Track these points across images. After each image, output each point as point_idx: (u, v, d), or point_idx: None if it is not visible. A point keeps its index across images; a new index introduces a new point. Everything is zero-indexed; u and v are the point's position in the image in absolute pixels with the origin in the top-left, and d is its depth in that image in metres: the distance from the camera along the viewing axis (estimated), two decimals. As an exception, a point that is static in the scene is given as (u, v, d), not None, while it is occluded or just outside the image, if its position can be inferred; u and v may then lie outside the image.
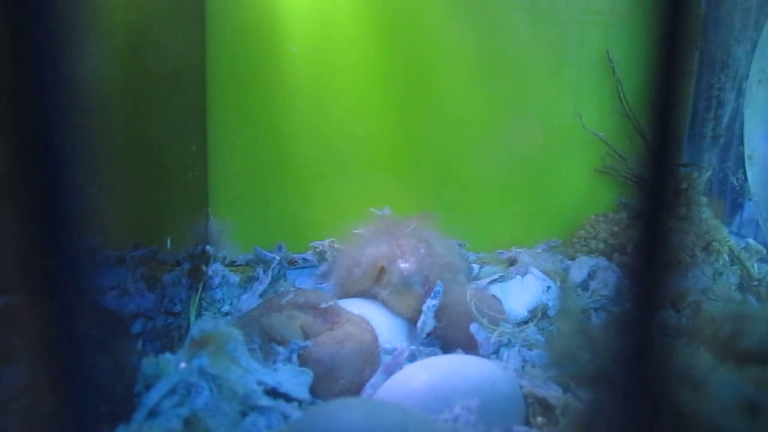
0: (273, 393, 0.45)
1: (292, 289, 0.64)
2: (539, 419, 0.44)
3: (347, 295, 0.61)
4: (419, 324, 0.55)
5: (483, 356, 0.52)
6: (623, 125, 0.77)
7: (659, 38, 0.18)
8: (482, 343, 0.53)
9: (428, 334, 0.55)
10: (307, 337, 0.51)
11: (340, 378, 0.48)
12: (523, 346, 0.53)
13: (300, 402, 0.45)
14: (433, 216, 0.64)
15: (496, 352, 0.53)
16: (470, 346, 0.53)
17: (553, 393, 0.44)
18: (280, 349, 0.50)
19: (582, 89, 0.78)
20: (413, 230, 0.61)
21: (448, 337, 0.55)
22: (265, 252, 0.71)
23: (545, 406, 0.44)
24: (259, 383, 0.44)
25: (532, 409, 0.44)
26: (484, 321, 0.54)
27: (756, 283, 0.68)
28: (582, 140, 0.79)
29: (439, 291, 0.56)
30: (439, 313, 0.56)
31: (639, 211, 0.19)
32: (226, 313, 0.63)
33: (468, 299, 0.56)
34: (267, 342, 0.51)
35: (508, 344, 0.53)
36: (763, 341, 0.33)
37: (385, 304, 0.59)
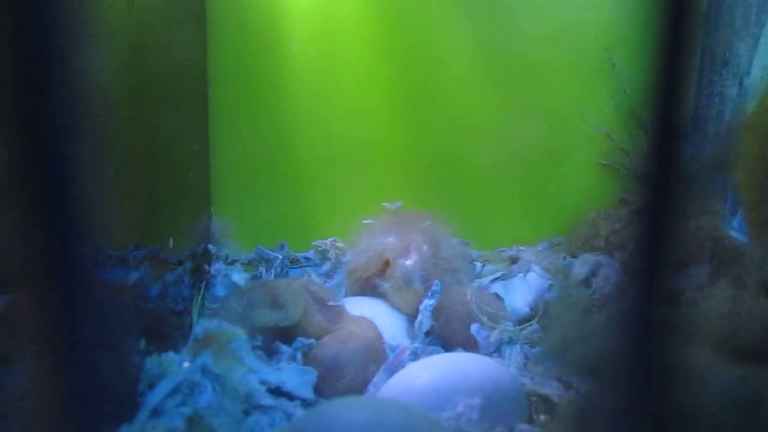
0: (276, 392, 0.45)
1: (306, 278, 0.64)
2: (542, 417, 0.44)
3: (354, 280, 0.61)
4: (416, 323, 0.55)
5: (484, 355, 0.52)
6: (626, 121, 0.77)
7: (662, 33, 0.18)
8: (482, 342, 0.53)
9: (428, 333, 0.55)
10: (310, 334, 0.51)
11: (344, 377, 0.48)
12: (525, 343, 0.53)
13: (303, 401, 0.45)
14: (439, 214, 0.64)
15: (498, 351, 0.53)
16: (470, 346, 0.53)
17: (555, 390, 0.44)
18: (284, 347, 0.50)
19: (584, 85, 0.78)
20: (422, 227, 0.61)
21: (447, 336, 0.55)
22: (267, 251, 0.71)
23: (547, 404, 0.44)
24: (262, 382, 0.44)
25: (535, 406, 0.44)
26: (485, 320, 0.54)
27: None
28: (585, 137, 0.79)
29: (436, 290, 0.56)
30: (438, 312, 0.56)
31: (640, 208, 0.19)
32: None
33: (468, 298, 0.56)
34: (268, 304, 0.50)
35: (510, 342, 0.53)
36: (761, 338, 0.33)
37: (385, 297, 0.59)
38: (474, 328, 0.54)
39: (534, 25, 0.76)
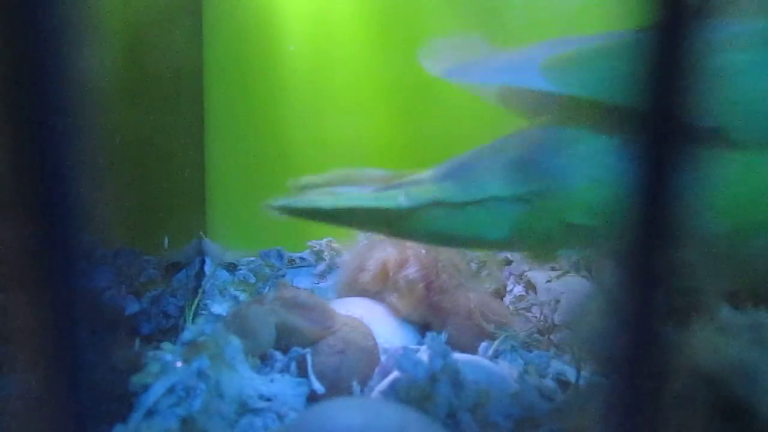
0: (269, 399, 0.44)
1: (282, 283, 0.63)
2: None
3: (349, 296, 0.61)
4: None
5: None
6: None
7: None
8: (484, 354, 0.53)
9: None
10: (301, 342, 0.50)
11: (346, 390, 0.47)
12: (524, 348, 0.53)
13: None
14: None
15: (497, 356, 0.53)
16: (476, 351, 0.53)
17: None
18: (278, 355, 0.49)
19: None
20: None
21: (454, 342, 0.54)
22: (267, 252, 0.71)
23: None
24: (255, 391, 0.44)
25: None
26: (491, 328, 0.54)
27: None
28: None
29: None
30: (446, 318, 0.55)
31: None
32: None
33: (472, 306, 0.55)
34: (239, 335, 0.49)
35: (512, 349, 0.53)
36: None
37: (389, 307, 0.58)
38: (482, 348, 0.53)
39: (531, 23, 0.76)
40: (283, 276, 0.69)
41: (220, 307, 0.62)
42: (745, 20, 0.37)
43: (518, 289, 0.64)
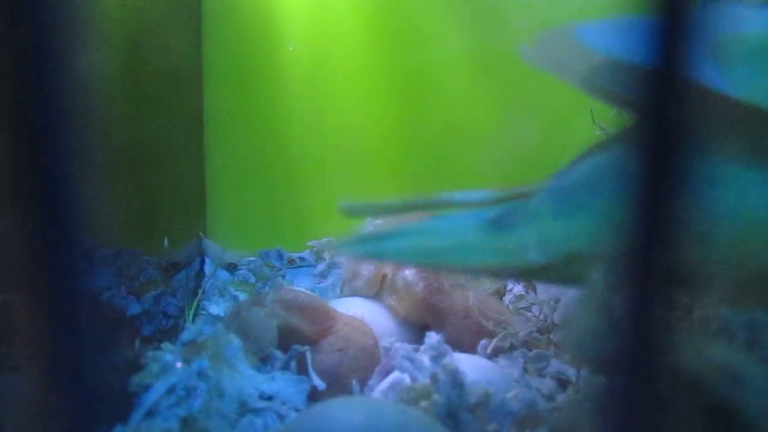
0: (269, 399, 0.44)
1: (283, 284, 0.63)
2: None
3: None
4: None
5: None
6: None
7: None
8: (483, 353, 0.53)
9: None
10: (302, 343, 0.50)
11: (346, 387, 0.47)
12: (524, 347, 0.53)
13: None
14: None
15: (497, 355, 0.53)
16: (474, 350, 0.53)
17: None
18: (278, 353, 0.49)
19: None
20: None
21: (453, 340, 0.54)
22: (267, 252, 0.71)
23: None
24: (255, 390, 0.44)
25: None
26: (490, 325, 0.54)
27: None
28: (584, 136, 0.78)
29: None
30: (444, 318, 0.55)
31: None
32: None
33: (470, 303, 0.55)
34: (245, 339, 0.49)
35: (510, 348, 0.53)
36: None
37: (388, 309, 0.58)
38: (481, 348, 0.53)
39: (531, 24, 0.76)
40: (283, 276, 0.69)
41: (219, 308, 0.62)
42: None
43: (518, 289, 0.64)
